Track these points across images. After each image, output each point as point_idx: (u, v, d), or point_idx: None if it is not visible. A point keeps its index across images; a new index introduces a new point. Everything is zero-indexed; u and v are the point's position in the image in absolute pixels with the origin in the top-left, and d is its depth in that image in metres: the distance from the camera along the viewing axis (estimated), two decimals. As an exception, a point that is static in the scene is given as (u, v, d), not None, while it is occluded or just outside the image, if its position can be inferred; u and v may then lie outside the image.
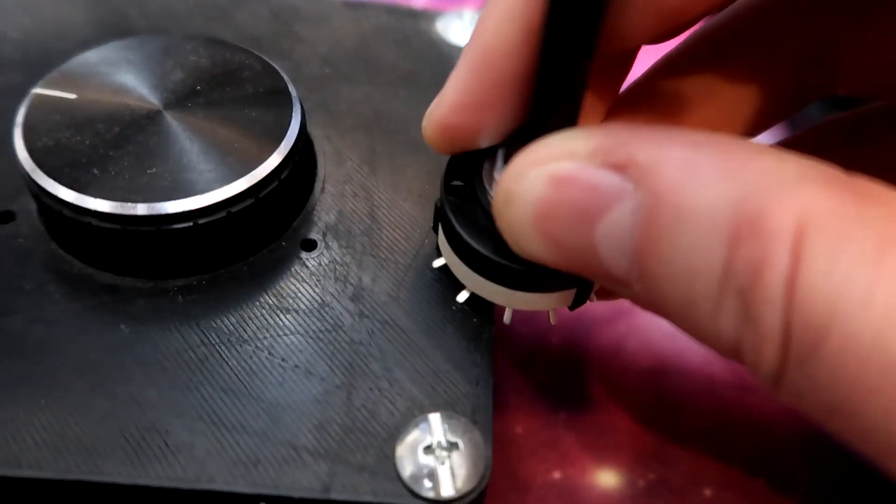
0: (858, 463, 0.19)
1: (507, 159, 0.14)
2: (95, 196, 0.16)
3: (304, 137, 0.18)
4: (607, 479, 0.19)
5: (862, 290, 0.10)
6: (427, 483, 0.15)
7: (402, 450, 0.15)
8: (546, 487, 0.19)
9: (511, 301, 0.16)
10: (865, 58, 0.17)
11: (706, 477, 0.19)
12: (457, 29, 0.24)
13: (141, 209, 0.16)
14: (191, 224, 0.16)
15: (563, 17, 0.12)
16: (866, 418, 0.10)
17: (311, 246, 0.18)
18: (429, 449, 0.15)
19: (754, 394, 0.21)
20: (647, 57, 0.18)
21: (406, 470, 0.15)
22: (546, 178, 0.12)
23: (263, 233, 0.18)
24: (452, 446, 0.15)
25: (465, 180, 0.16)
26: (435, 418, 0.15)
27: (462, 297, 0.17)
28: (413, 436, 0.15)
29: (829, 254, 0.10)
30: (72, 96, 0.18)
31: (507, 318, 0.17)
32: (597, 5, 0.11)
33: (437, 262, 0.17)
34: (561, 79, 0.13)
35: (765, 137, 0.28)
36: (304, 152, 0.18)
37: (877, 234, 0.10)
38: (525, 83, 0.13)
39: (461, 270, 0.16)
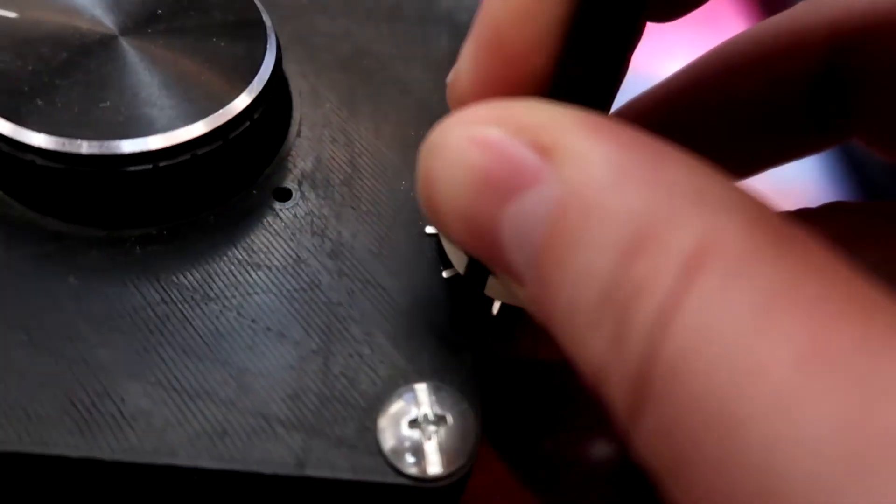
0: None
1: None
2: (38, 130, 0.14)
3: (279, 74, 0.17)
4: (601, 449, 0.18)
5: (728, 342, 0.09)
6: (410, 458, 0.13)
7: (384, 422, 0.14)
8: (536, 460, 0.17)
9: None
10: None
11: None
12: (446, -38, 0.22)
13: (92, 147, 0.14)
14: (150, 167, 0.15)
15: None
16: (692, 476, 0.09)
17: (285, 196, 0.17)
18: (414, 422, 0.14)
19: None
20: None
21: (387, 443, 0.13)
22: (466, 139, 0.11)
23: (232, 179, 0.16)
24: (440, 420, 0.14)
25: None
26: (422, 388, 0.14)
27: (429, 230, 0.16)
28: (397, 406, 0.14)
29: (716, 289, 0.09)
30: (12, 15, 0.16)
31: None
32: None
33: (431, 229, 0.16)
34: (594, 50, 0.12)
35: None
36: (278, 91, 0.17)
37: (771, 285, 0.09)
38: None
39: None
